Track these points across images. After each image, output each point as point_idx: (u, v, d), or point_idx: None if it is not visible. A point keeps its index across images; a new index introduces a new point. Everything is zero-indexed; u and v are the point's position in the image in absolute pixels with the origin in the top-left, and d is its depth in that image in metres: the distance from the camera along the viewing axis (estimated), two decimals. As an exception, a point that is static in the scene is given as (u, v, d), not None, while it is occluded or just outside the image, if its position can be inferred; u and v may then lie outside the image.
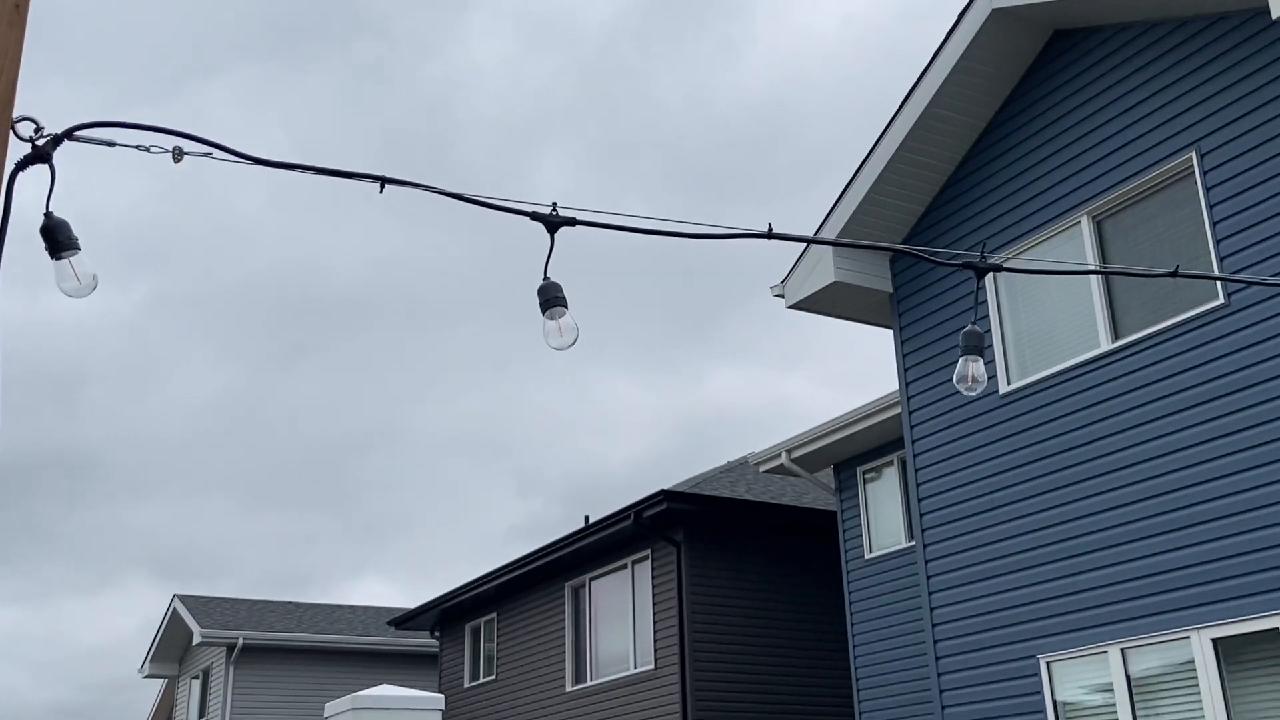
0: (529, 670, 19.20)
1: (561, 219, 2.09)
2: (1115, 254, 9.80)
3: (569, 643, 18.32)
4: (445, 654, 22.46)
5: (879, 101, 76.60)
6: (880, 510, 14.18)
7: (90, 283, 2.08)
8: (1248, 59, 8.94)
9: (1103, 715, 9.20)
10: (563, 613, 18.54)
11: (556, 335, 2.12)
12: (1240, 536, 8.38)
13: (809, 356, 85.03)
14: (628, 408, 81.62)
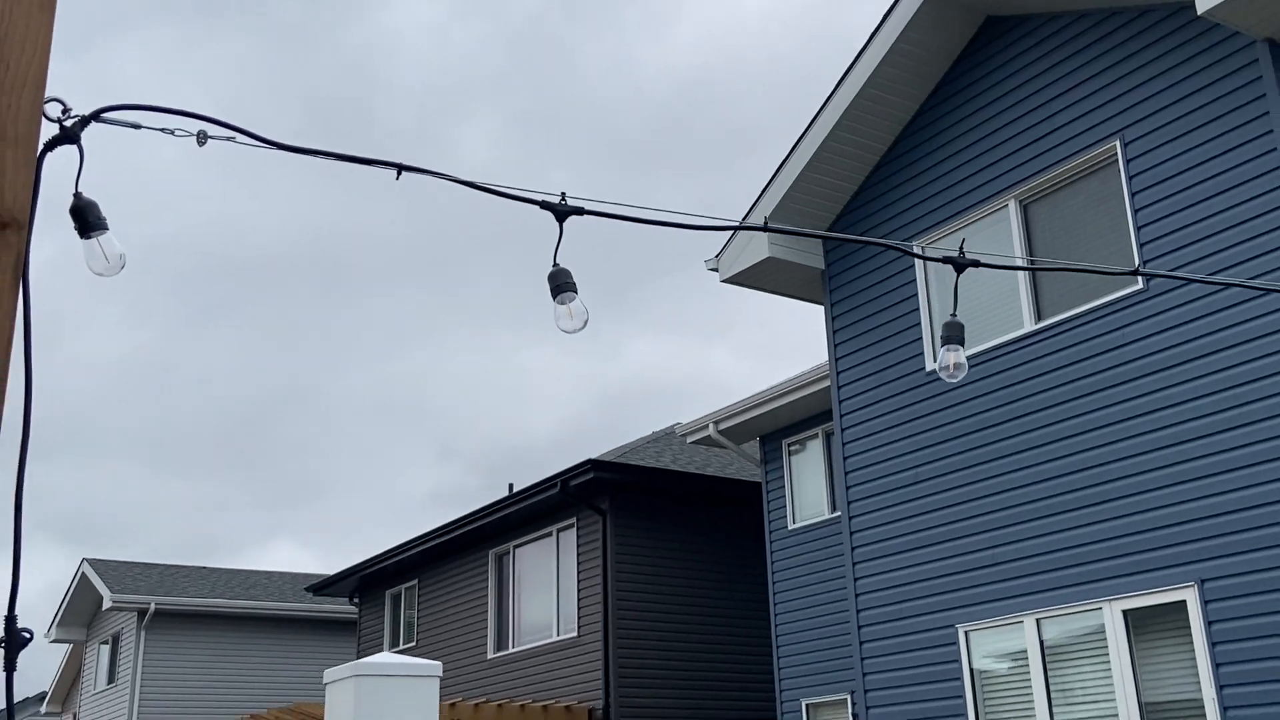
0: (450, 637, 19.30)
1: (570, 208, 2.20)
2: (1040, 238, 10.10)
3: (491, 610, 18.44)
4: (364, 620, 22.46)
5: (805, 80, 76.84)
6: (804, 482, 14.45)
7: (118, 262, 2.15)
8: (1172, 51, 9.23)
9: (1016, 681, 9.56)
10: (486, 580, 18.64)
11: (567, 319, 2.24)
12: (1152, 513, 8.74)
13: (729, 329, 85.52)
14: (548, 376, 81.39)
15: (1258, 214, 8.44)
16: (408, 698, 2.26)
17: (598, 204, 2.22)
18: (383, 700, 2.24)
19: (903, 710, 10.34)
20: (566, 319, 2.23)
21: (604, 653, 15.69)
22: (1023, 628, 9.51)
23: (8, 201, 1.95)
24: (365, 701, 2.23)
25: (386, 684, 2.26)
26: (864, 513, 11.05)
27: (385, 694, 2.25)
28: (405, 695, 2.26)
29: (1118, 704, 8.72)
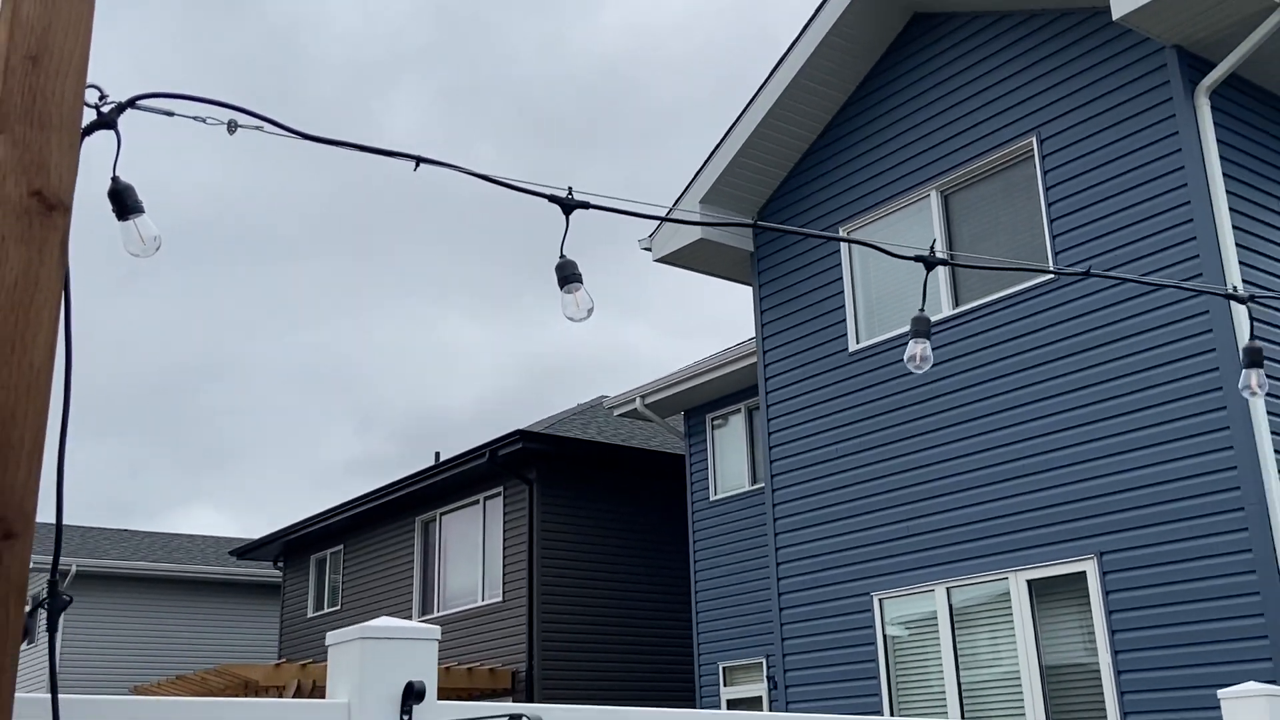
0: (375, 601, 19.31)
1: (576, 202, 2.34)
2: (960, 228, 10.39)
3: (417, 575, 18.50)
4: (289, 584, 22.37)
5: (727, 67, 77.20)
6: (726, 455, 14.67)
7: (154, 244, 2.22)
8: (1088, 54, 9.54)
9: (926, 645, 9.91)
10: (412, 546, 18.68)
11: (574, 307, 2.38)
12: (1056, 489, 9.11)
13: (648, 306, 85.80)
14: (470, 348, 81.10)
15: (1162, 210, 8.80)
16: (409, 658, 2.40)
17: (601, 198, 2.36)
18: (386, 660, 2.38)
19: (819, 673, 10.65)
20: (573, 307, 2.37)
21: (528, 617, 15.87)
22: (934, 595, 9.85)
23: (54, 184, 2.06)
24: (370, 661, 2.37)
25: (390, 645, 2.39)
26: (786, 485, 11.30)
27: (389, 654, 2.38)
28: (407, 656, 2.40)
29: (1020, 666, 9.10)
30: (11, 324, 1.92)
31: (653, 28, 70.39)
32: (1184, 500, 8.34)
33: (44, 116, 2.06)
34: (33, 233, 2.00)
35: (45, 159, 2.04)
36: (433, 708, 2.36)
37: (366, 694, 2.30)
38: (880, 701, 10.05)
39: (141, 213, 2.19)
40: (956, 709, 9.51)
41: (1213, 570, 8.13)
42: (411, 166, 2.25)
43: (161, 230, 2.30)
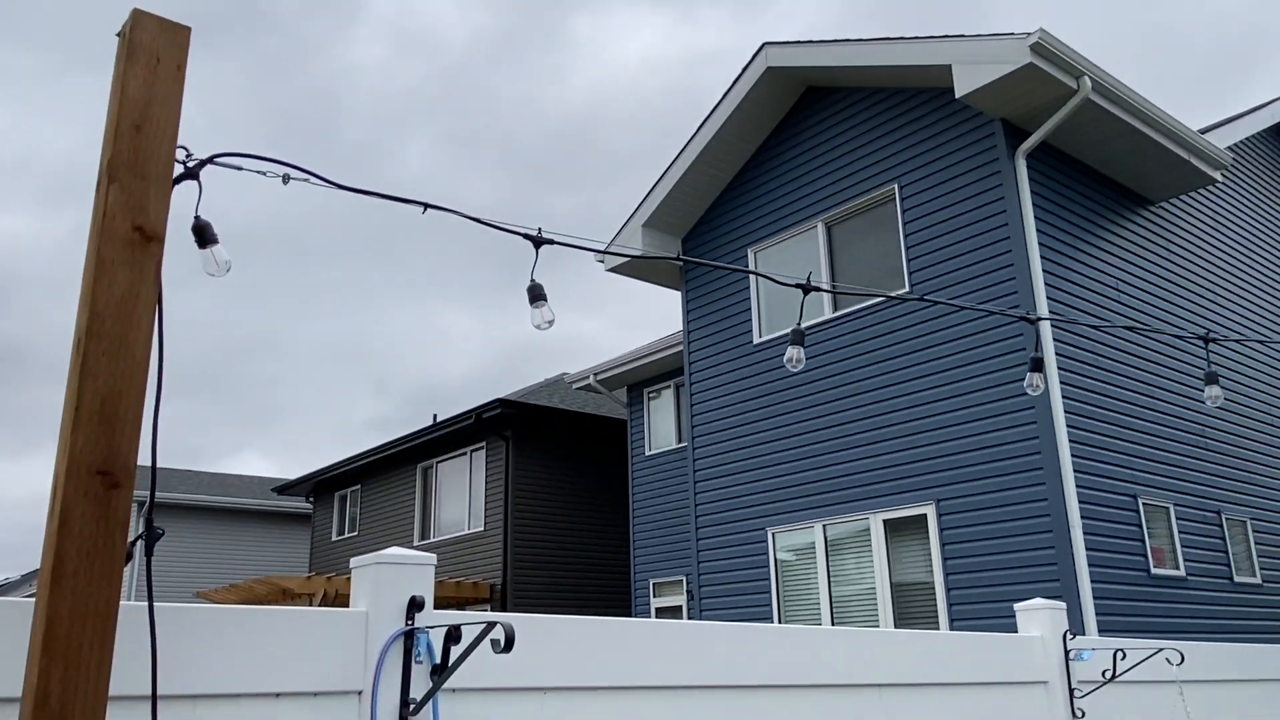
0: (385, 529, 19.25)
1: (544, 239, 2.44)
2: (840, 251, 10.53)
3: (418, 509, 18.46)
4: (317, 515, 22.19)
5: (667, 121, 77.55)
6: (659, 421, 14.79)
7: (226, 266, 2.28)
8: (937, 122, 9.72)
9: (806, 567, 10.11)
10: (414, 487, 18.63)
11: (539, 319, 2.48)
12: (906, 452, 9.33)
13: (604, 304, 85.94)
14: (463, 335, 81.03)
15: (989, 244, 9.01)
16: (413, 578, 2.49)
17: (563, 236, 2.46)
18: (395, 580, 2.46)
19: (725, 588, 10.81)
20: (539, 319, 2.47)
21: (504, 543, 15.91)
22: (814, 530, 10.02)
23: (152, 221, 2.12)
24: (383, 580, 2.45)
25: (398, 569, 2.48)
26: (704, 445, 11.42)
27: (397, 575, 2.47)
28: (411, 576, 2.49)
29: (876, 584, 9.32)
30: (119, 328, 1.99)
31: (610, 89, 70.69)
32: (1000, 461, 8.59)
33: (144, 170, 2.12)
34: (135, 258, 2.06)
35: (145, 202, 2.10)
36: (429, 615, 2.45)
37: (380, 604, 2.39)
38: (771, 611, 10.24)
39: (217, 243, 2.25)
40: (828, 616, 9.72)
41: (1019, 514, 8.39)
42: (420, 211, 2.32)
43: (224, 237, 2.35)
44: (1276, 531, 10.59)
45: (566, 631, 2.64)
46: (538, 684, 2.61)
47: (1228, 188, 11.98)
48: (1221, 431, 10.31)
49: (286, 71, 60.30)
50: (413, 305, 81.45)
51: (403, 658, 2.38)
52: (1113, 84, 8.72)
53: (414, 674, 2.40)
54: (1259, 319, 11.70)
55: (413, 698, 2.37)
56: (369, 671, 2.34)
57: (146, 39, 2.15)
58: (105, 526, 1.89)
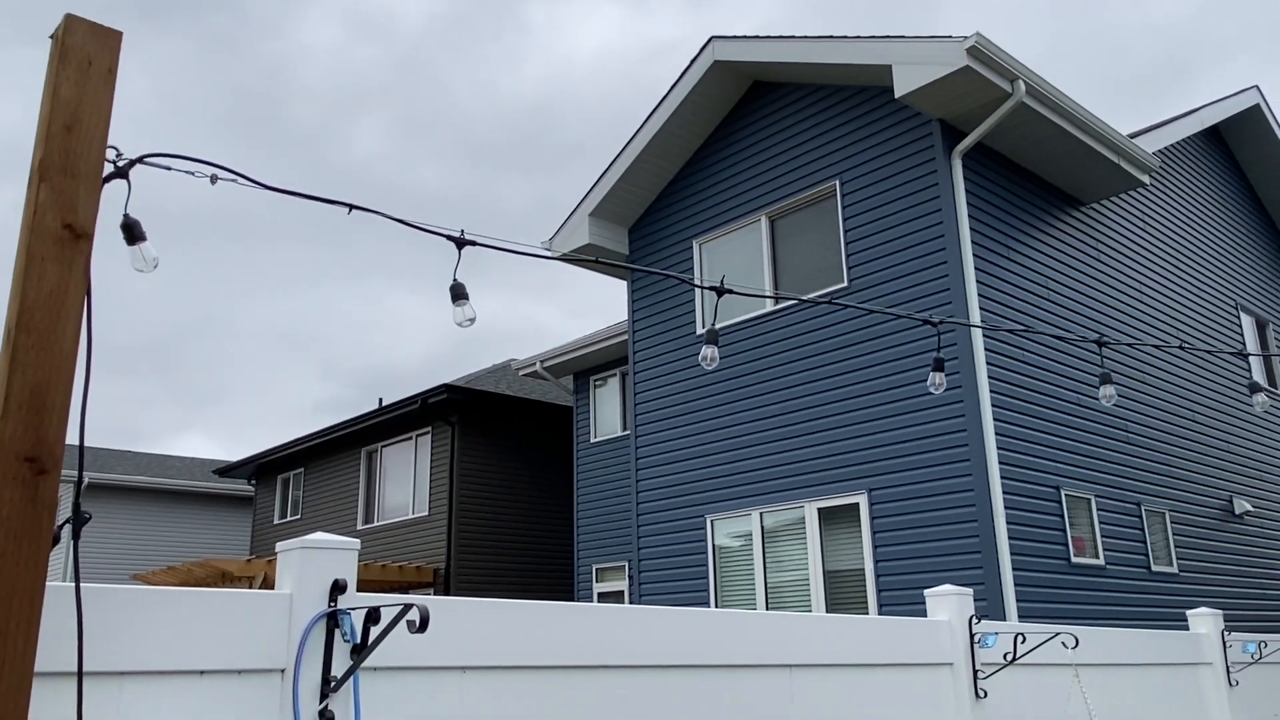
0: (328, 513, 19.17)
1: (466, 240, 2.55)
2: (782, 244, 10.72)
3: (362, 493, 18.41)
4: (259, 498, 22.01)
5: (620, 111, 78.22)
6: (604, 409, 14.90)
7: (153, 263, 2.36)
8: (878, 120, 9.93)
9: (743, 554, 10.33)
10: (358, 470, 18.58)
11: (462, 317, 2.60)
12: (841, 443, 9.57)
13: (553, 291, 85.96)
14: (412, 319, 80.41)
15: (924, 240, 9.26)
16: (336, 562, 2.60)
17: (487, 239, 2.58)
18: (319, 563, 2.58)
19: (665, 573, 11.00)
20: (460, 316, 2.58)
21: (448, 528, 15.97)
22: (751, 518, 10.24)
23: (81, 219, 2.21)
24: (307, 564, 2.57)
25: (322, 553, 2.59)
26: (647, 433, 11.57)
27: (321, 559, 2.58)
28: (335, 560, 2.60)
29: (809, 570, 9.58)
30: (48, 321, 2.08)
31: (565, 78, 70.73)
32: (929, 453, 8.87)
33: (74, 169, 2.20)
34: (64, 254, 2.15)
35: (75, 201, 2.19)
36: (352, 596, 2.57)
37: (304, 587, 2.51)
38: (708, 596, 10.45)
39: (145, 240, 2.33)
40: (763, 601, 9.96)
41: (947, 504, 8.68)
42: (346, 211, 2.43)
43: (170, 214, 2.44)
44: (1194, 523, 11.06)
45: (484, 614, 2.78)
46: (456, 663, 2.74)
47: (1156, 191, 12.41)
48: (1143, 426, 10.73)
49: (237, 50, 59.24)
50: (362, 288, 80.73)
51: (325, 638, 2.51)
52: (1046, 88, 9.01)
53: (336, 653, 2.52)
54: (1182, 319, 12.17)
55: (334, 675, 2.50)
56: (292, 650, 2.46)
57: (78, 43, 2.23)
58: (32, 511, 1.99)
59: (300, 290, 77.81)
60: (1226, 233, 13.84)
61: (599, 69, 77.56)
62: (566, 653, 2.95)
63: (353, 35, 59.94)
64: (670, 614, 3.24)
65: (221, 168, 2.38)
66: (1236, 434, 12.50)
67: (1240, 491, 12.15)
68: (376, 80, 66.15)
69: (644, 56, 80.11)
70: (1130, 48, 76.85)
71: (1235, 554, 11.64)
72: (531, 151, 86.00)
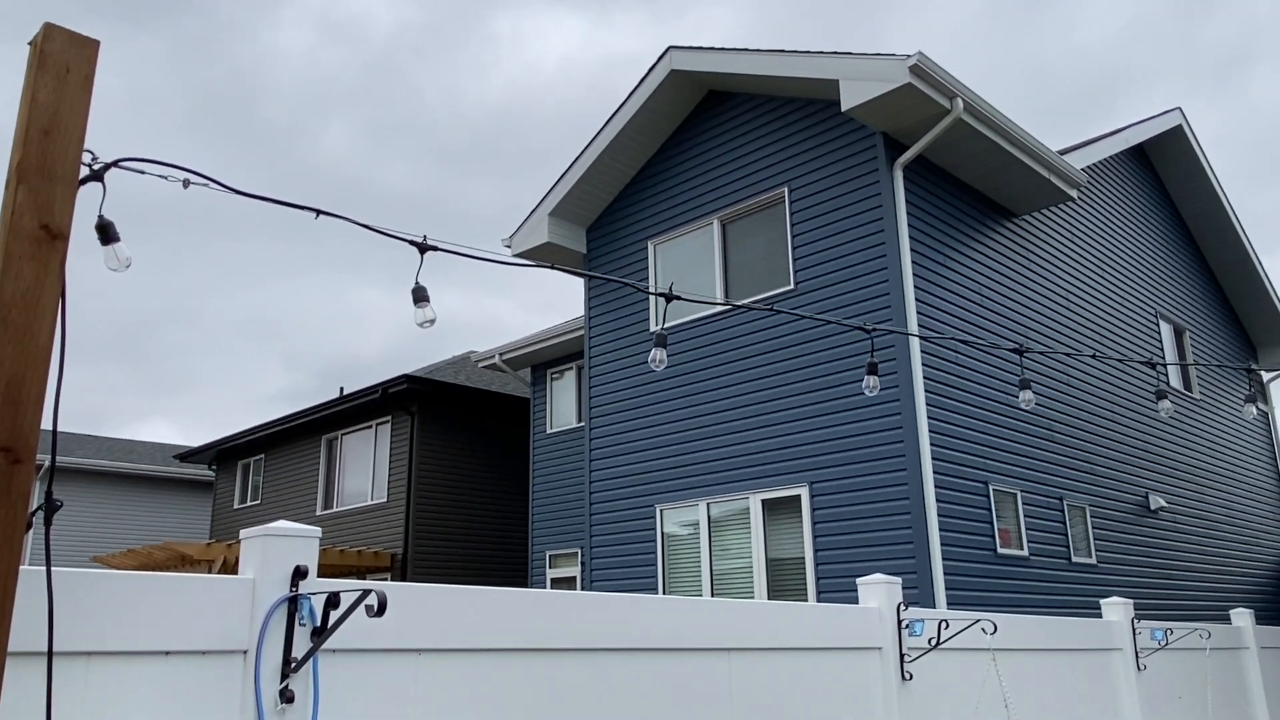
0: (288, 498, 18.99)
1: (428, 245, 2.60)
2: (733, 247, 10.84)
3: (321, 480, 18.26)
4: (220, 483, 21.72)
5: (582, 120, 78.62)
6: (560, 401, 14.94)
7: (126, 262, 2.39)
8: (826, 131, 10.09)
9: (691, 542, 10.45)
10: (319, 457, 18.42)
11: (423, 318, 2.65)
12: (785, 438, 9.73)
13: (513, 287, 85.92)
14: (376, 314, 79.84)
15: (867, 248, 9.44)
16: (298, 549, 2.65)
17: (448, 245, 2.63)
18: (281, 550, 2.62)
19: (616, 560, 11.09)
20: (422, 318, 2.64)
21: (406, 514, 15.91)
22: (699, 508, 10.36)
23: (58, 220, 2.23)
24: (270, 551, 2.61)
25: (285, 540, 2.63)
26: (600, 426, 11.64)
27: (283, 546, 2.63)
28: (296, 548, 2.65)
29: (753, 558, 9.73)
30: (24, 317, 2.11)
31: (529, 86, 70.84)
32: (867, 448, 9.06)
33: (51, 172, 2.23)
34: (41, 254, 2.17)
35: (51, 202, 2.21)
36: (312, 582, 2.62)
37: (267, 572, 2.55)
38: (657, 582, 10.57)
39: (119, 240, 2.35)
40: (709, 588, 10.09)
41: (882, 497, 8.88)
42: (314, 216, 2.47)
43: (139, 207, 2.46)
44: (1112, 517, 11.42)
45: (438, 599, 2.85)
46: (412, 645, 2.81)
47: (1083, 205, 12.76)
48: (1067, 426, 11.05)
49: (210, 51, 58.33)
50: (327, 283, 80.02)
51: (286, 621, 2.56)
52: (982, 105, 9.23)
53: (296, 636, 2.57)
54: (1105, 325, 12.53)
55: (294, 657, 2.55)
56: (254, 633, 2.51)
57: (57, 50, 2.25)
58: (7, 499, 2.02)
59: (267, 283, 77.01)
60: (1148, 245, 14.27)
61: (562, 78, 77.79)
62: (517, 636, 3.03)
63: (323, 38, 59.39)
64: (616, 600, 3.33)
65: (194, 173, 2.41)
66: (1154, 434, 12.92)
67: (1155, 488, 12.57)
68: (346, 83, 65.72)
69: (606, 67, 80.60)
70: (1056, 74, 78.85)
71: (1149, 547, 12.03)
72: (496, 156, 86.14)
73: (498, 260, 2.98)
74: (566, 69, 78.97)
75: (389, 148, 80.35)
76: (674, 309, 11.06)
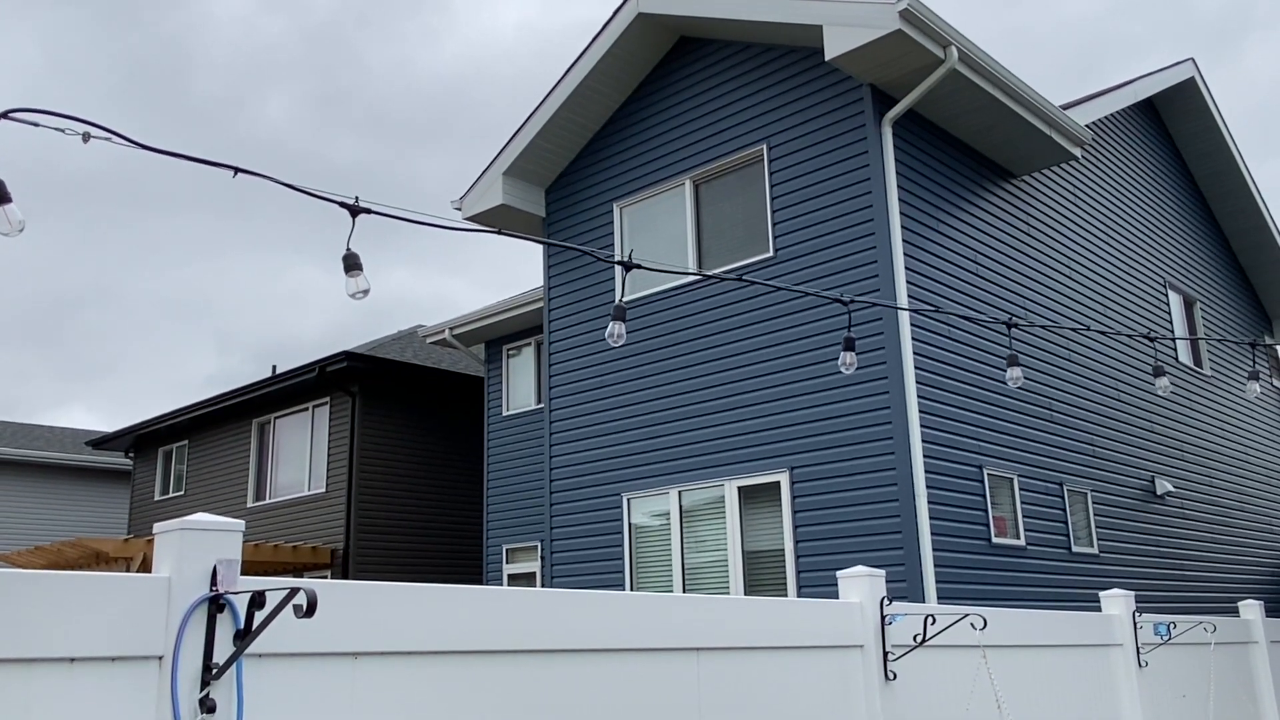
0: (215, 488, 18.83)
1: (360, 208, 2.57)
2: (707, 210, 10.83)
3: (252, 468, 18.12)
4: (139, 473, 21.48)
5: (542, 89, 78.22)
6: (517, 380, 14.90)
7: (19, 226, 2.33)
8: (808, 83, 10.09)
9: (661, 534, 10.49)
10: (249, 444, 18.27)
11: (354, 287, 2.63)
12: (762, 419, 9.79)
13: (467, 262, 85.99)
14: (318, 291, 79.37)
15: (853, 210, 9.49)
16: (219, 544, 2.63)
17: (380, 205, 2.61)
18: (201, 545, 2.60)
19: (579, 554, 11.13)
20: (353, 287, 2.61)
21: (347, 505, 15.85)
22: (669, 497, 10.40)
23: (-61, 178, 2.18)
24: (188, 546, 2.59)
25: (204, 535, 2.61)
26: (561, 407, 11.65)
27: (203, 541, 2.61)
28: (217, 543, 2.63)
29: (728, 551, 9.81)
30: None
31: (483, 56, 70.82)
32: (853, 430, 9.15)
33: (-69, 124, 2.18)
34: (-80, 216, 2.13)
35: (-69, 158, 2.17)
36: (235, 580, 2.61)
37: (184, 570, 2.54)
38: (624, 578, 10.62)
39: (10, 202, 2.30)
40: (680, 583, 10.17)
41: (868, 483, 8.98)
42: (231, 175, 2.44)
43: (58, 179, 2.41)
44: (1115, 503, 11.64)
45: (377, 597, 2.85)
46: (348, 649, 2.81)
47: (1088, 164, 12.89)
48: (1068, 406, 11.22)
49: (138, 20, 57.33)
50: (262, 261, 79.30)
51: (206, 623, 2.54)
52: (979, 55, 9.28)
53: (218, 640, 2.56)
54: (1110, 296, 12.71)
55: (216, 663, 2.54)
56: (170, 637, 2.50)
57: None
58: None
59: (196, 261, 76.20)
60: (1157, 209, 14.46)
61: (518, 47, 77.56)
62: (465, 638, 3.04)
63: (261, 5, 58.70)
64: (574, 596, 3.35)
65: (93, 124, 2.36)
66: (1160, 414, 13.15)
67: (1162, 472, 12.81)
68: (286, 53, 65.05)
69: (566, 36, 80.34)
70: (1044, 47, 79.71)
71: (1155, 535, 12.28)
72: (450, 129, 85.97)
73: (438, 224, 2.95)
74: (523, 37, 78.74)
75: (333, 119, 79.78)
76: (644, 279, 11.04)
